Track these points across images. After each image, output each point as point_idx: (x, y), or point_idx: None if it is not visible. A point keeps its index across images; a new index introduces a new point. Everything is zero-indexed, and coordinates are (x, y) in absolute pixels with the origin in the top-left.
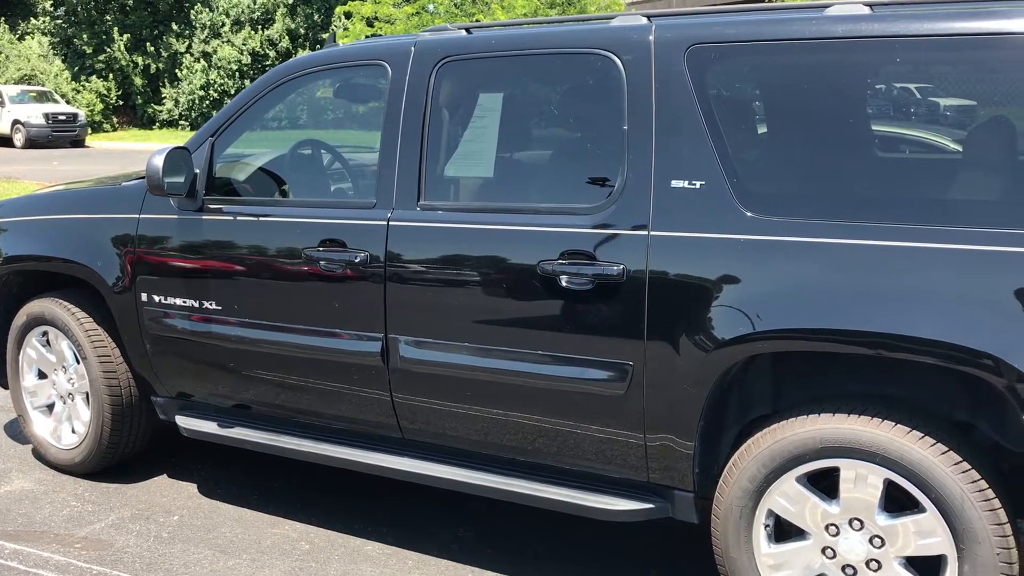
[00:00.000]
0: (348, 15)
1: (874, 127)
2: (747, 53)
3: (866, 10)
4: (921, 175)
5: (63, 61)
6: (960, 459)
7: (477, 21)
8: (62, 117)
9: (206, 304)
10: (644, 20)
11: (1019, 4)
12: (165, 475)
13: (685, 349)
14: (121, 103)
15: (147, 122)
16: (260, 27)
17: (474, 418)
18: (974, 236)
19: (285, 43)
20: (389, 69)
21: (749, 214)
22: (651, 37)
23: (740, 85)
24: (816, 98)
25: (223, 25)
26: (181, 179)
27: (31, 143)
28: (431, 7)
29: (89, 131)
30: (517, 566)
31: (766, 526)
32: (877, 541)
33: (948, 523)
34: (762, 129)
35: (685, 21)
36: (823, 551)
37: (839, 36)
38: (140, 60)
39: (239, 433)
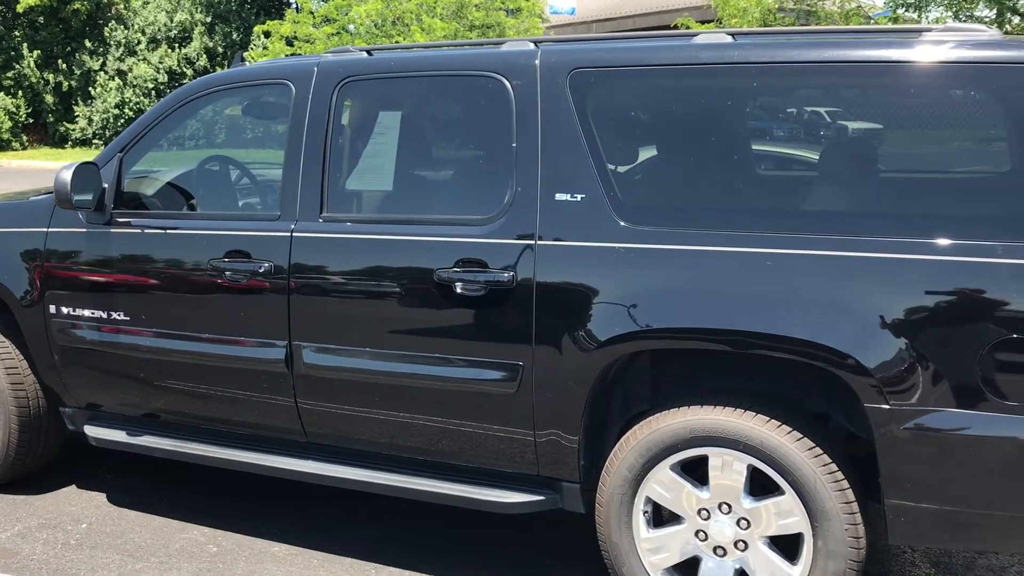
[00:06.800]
0: (267, 34)
1: (738, 143)
2: (622, 77)
3: (728, 39)
4: (781, 187)
5: None
6: (813, 445)
7: (396, 43)
8: None
9: (114, 315)
10: (531, 45)
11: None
12: (74, 485)
13: (569, 349)
14: (31, 121)
15: (59, 141)
16: (177, 45)
17: (376, 420)
18: (830, 243)
19: (203, 62)
20: (293, 88)
21: (624, 224)
22: (537, 61)
23: (617, 106)
24: (685, 118)
25: (139, 43)
26: (90, 194)
27: None
28: (351, 27)
29: None
30: (422, 563)
31: (644, 512)
32: (744, 523)
33: (804, 503)
34: (637, 146)
35: (568, 47)
36: (696, 534)
37: (703, 62)
38: (51, 77)
39: (148, 441)
